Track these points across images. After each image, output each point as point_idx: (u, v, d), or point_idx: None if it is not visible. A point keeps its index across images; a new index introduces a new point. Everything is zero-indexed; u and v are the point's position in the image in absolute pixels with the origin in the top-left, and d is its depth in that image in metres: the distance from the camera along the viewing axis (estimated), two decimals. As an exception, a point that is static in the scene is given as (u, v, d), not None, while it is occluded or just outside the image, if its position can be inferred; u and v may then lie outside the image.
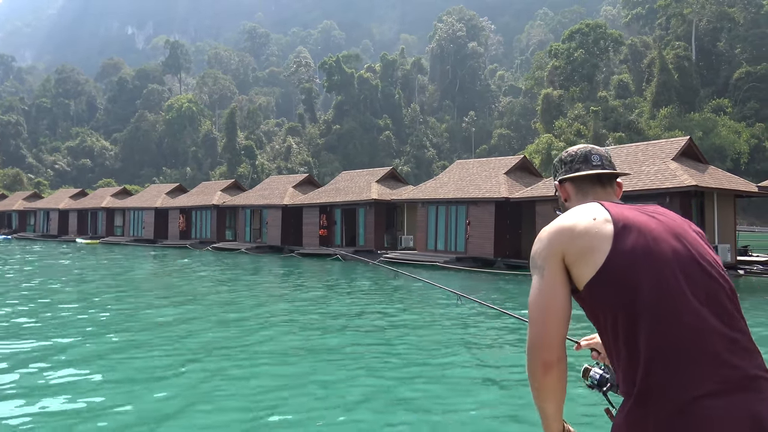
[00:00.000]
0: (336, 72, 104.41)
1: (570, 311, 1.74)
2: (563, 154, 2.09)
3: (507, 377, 7.66)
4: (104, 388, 6.98)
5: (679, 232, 1.75)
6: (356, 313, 12.96)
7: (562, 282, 1.73)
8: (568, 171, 2.03)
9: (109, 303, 14.08)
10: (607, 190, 1.99)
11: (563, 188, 2.05)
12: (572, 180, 2.02)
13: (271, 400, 6.57)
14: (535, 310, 1.73)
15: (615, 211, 1.75)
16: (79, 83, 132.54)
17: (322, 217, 32.70)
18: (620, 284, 1.64)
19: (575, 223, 1.75)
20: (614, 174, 2.02)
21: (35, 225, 56.90)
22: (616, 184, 2.04)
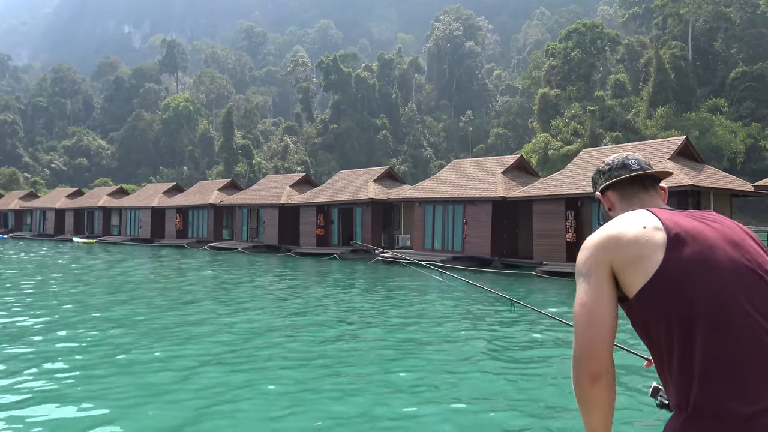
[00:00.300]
0: (333, 71, 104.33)
1: (617, 320, 1.69)
2: (600, 165, 2.06)
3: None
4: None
5: (735, 239, 1.67)
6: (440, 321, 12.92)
7: (609, 290, 1.68)
8: (608, 179, 2.00)
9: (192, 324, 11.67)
10: (652, 195, 1.94)
11: (606, 198, 2.02)
12: (614, 187, 1.98)
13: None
14: (581, 320, 1.67)
15: (666, 217, 1.71)
16: (75, 82, 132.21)
17: (319, 216, 32.70)
18: (673, 293, 1.58)
19: (623, 230, 1.70)
20: (656, 177, 1.97)
21: (31, 224, 56.77)
22: (659, 188, 1.99)
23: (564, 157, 60.14)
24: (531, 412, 6.26)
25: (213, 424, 5.84)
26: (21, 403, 6.42)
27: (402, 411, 6.21)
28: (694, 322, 1.55)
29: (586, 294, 1.68)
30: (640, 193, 1.94)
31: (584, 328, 1.66)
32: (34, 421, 5.91)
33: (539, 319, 11.63)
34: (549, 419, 6.06)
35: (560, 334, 10.30)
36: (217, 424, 5.87)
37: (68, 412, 6.19)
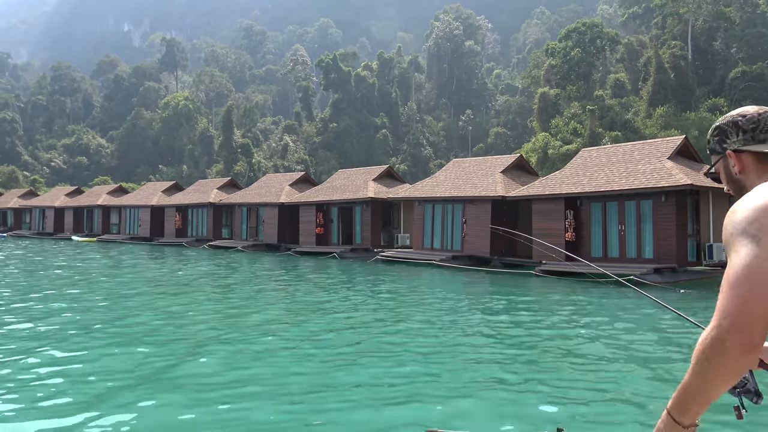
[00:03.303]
0: (333, 70, 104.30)
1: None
2: (739, 117, 1.76)
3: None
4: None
5: None
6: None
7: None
8: (749, 140, 1.71)
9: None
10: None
11: (739, 158, 1.73)
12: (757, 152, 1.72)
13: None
14: (749, 284, 1.45)
15: None
16: (75, 80, 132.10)
17: (318, 215, 32.71)
18: None
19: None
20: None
21: (31, 223, 56.74)
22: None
23: (563, 156, 60.13)
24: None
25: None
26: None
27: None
28: None
29: (755, 256, 1.46)
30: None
31: (747, 293, 1.45)
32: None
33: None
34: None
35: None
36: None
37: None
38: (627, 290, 16.79)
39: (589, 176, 21.78)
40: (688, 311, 12.94)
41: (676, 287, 17.37)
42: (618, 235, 20.46)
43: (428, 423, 5.59)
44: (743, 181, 1.73)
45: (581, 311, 13.44)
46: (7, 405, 6.29)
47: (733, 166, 1.75)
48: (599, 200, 21.04)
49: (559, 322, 11.73)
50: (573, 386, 7.18)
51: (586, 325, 11.57)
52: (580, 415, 6.12)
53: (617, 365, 8.29)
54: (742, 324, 1.43)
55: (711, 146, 1.84)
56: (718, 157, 1.80)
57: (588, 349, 9.18)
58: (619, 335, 10.46)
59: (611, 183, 20.53)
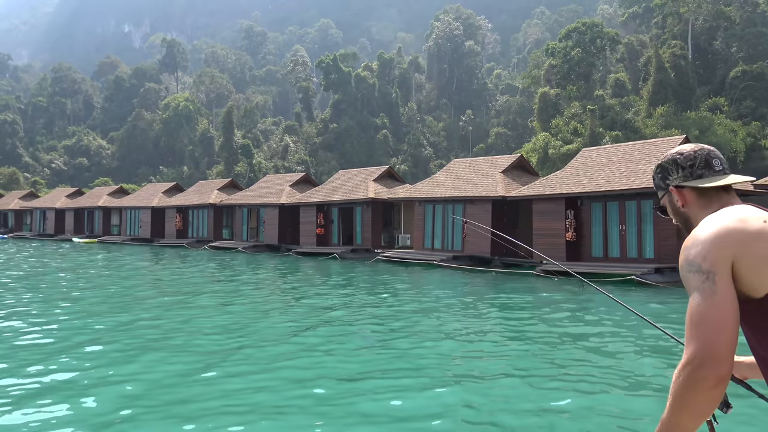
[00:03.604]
0: (333, 71, 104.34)
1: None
2: (677, 156, 1.89)
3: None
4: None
5: None
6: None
7: (733, 289, 1.59)
8: (688, 176, 1.85)
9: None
10: (731, 194, 1.83)
11: (681, 193, 1.87)
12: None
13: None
14: (708, 322, 1.55)
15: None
16: (75, 82, 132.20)
17: (319, 215, 32.70)
18: None
19: (744, 225, 1.60)
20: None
21: (32, 224, 56.76)
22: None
23: (564, 156, 60.11)
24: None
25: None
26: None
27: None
28: None
29: (713, 293, 1.56)
30: (721, 193, 1.83)
31: (712, 330, 1.55)
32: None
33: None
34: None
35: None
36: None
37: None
38: (628, 289, 16.79)
39: (590, 176, 21.77)
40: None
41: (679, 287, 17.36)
42: (619, 234, 20.45)
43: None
44: (687, 214, 1.87)
45: (581, 310, 13.44)
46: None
47: (677, 201, 1.89)
48: (600, 200, 21.02)
49: (561, 320, 11.74)
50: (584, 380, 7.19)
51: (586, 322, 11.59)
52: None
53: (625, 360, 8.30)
54: (710, 360, 1.52)
55: (656, 183, 1.98)
56: (663, 193, 1.95)
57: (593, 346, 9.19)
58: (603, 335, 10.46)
59: (612, 183, 20.52)
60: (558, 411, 6.27)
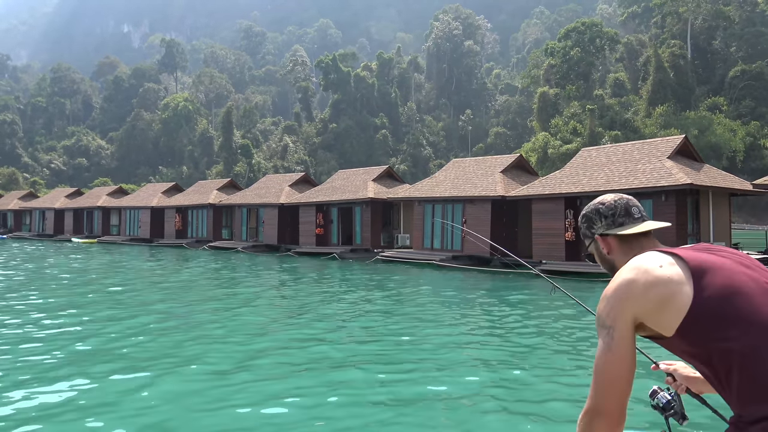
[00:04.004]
0: (332, 70, 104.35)
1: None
2: (600, 206, 2.04)
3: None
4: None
5: (747, 263, 1.76)
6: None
7: (632, 344, 1.73)
8: (611, 225, 1.99)
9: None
10: (650, 239, 1.97)
11: (605, 241, 2.01)
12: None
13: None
14: (604, 375, 1.71)
15: (680, 252, 1.76)
16: (74, 82, 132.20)
17: (318, 215, 32.69)
18: (716, 320, 1.62)
19: (643, 275, 1.72)
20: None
21: (31, 224, 56.74)
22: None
23: (563, 156, 60.16)
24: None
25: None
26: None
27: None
28: (743, 343, 1.58)
29: (609, 349, 1.71)
30: (641, 239, 1.97)
31: (608, 383, 1.70)
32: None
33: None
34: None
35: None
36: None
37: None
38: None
39: (589, 176, 21.77)
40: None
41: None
42: (618, 234, 20.44)
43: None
44: (612, 261, 1.99)
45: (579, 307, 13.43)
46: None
47: (603, 248, 2.02)
48: (599, 200, 21.01)
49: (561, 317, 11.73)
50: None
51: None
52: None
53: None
54: (602, 413, 1.70)
55: (582, 231, 2.10)
56: (590, 241, 2.08)
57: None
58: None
59: (611, 182, 20.52)
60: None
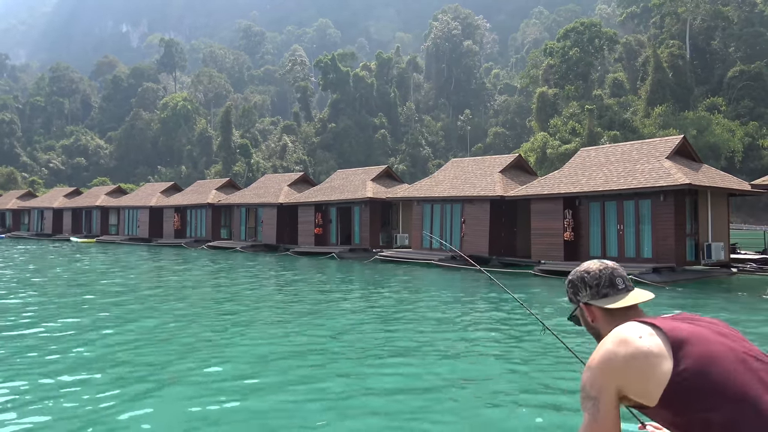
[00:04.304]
0: (331, 70, 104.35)
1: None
2: (585, 275, 2.07)
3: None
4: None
5: (724, 332, 1.80)
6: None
7: (617, 415, 1.77)
8: (595, 295, 2.03)
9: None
10: (634, 309, 2.01)
11: (590, 310, 2.06)
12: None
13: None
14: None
15: (659, 323, 1.80)
16: (73, 81, 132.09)
17: (317, 215, 32.70)
18: (696, 392, 1.65)
19: (623, 347, 1.76)
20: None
21: (29, 224, 56.72)
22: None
23: (562, 156, 60.19)
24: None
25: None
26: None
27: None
28: (723, 415, 1.62)
29: (594, 420, 1.77)
30: (625, 308, 2.01)
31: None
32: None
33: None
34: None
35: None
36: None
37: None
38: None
39: (588, 176, 21.78)
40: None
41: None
42: (617, 234, 20.46)
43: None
44: (597, 329, 2.03)
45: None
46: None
47: (588, 317, 2.06)
48: (598, 200, 21.03)
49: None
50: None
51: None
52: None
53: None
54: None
55: (569, 296, 2.14)
56: (575, 307, 2.12)
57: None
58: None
59: (610, 182, 20.53)
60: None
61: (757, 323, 11.60)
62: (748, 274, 20.36)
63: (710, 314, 11.50)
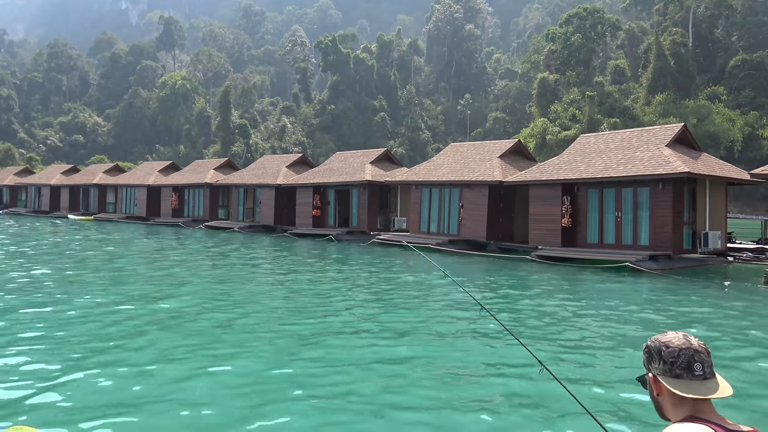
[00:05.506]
0: (332, 52, 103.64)
1: None
2: (663, 348, 1.93)
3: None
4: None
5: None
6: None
7: None
8: (667, 372, 1.89)
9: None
10: (705, 401, 1.89)
11: (657, 384, 1.94)
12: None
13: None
14: None
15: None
16: (71, 58, 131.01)
17: (315, 197, 32.66)
18: None
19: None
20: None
21: (27, 200, 56.62)
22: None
23: (561, 142, 60.10)
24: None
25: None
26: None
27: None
28: None
29: None
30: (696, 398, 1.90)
31: None
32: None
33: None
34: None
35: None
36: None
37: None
38: (623, 275, 16.86)
39: (587, 162, 21.75)
40: (683, 299, 12.97)
41: (683, 276, 17.44)
42: (614, 221, 20.49)
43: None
44: (660, 402, 1.94)
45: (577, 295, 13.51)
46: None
47: (654, 389, 1.96)
48: (596, 186, 21.03)
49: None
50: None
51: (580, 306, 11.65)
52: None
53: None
54: None
55: (643, 360, 2.02)
56: (646, 372, 2.00)
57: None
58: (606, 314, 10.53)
59: (609, 169, 20.52)
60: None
61: (760, 315, 11.66)
62: (744, 263, 20.43)
63: (707, 306, 11.53)
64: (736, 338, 9.32)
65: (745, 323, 10.54)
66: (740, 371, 7.40)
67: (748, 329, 9.99)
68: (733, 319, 10.89)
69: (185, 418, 5.61)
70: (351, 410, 5.86)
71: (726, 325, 10.33)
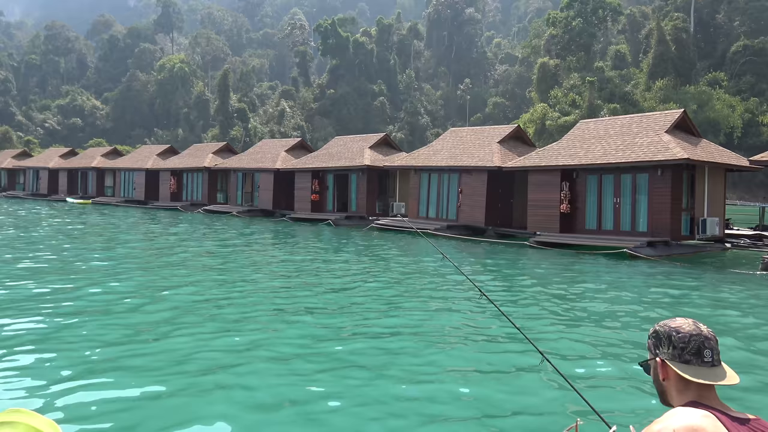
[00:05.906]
0: (331, 35, 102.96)
1: None
2: (673, 332, 1.93)
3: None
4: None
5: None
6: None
7: None
8: (676, 357, 1.90)
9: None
10: (710, 388, 1.91)
11: (665, 369, 1.94)
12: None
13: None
14: None
15: (726, 422, 1.77)
16: (69, 40, 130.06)
17: (314, 182, 32.63)
18: None
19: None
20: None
21: (25, 184, 56.54)
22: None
23: (561, 128, 59.94)
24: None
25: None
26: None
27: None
28: None
29: None
30: (701, 384, 1.91)
31: None
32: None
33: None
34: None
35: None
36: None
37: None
38: (620, 262, 16.90)
39: (586, 148, 21.72)
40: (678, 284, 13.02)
41: (674, 261, 17.49)
42: (613, 207, 20.51)
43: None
44: (665, 387, 1.94)
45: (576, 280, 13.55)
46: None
47: (660, 374, 1.95)
48: (595, 172, 21.02)
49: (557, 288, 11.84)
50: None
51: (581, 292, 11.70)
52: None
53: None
54: None
55: (648, 344, 2.03)
56: (652, 357, 2.00)
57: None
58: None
59: (608, 155, 20.49)
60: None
61: (756, 297, 11.70)
62: (741, 249, 20.48)
63: (707, 292, 11.58)
64: (731, 326, 9.37)
65: (737, 312, 10.58)
66: (731, 363, 7.45)
67: (742, 318, 10.04)
68: (731, 309, 10.93)
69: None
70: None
71: (721, 314, 10.38)
